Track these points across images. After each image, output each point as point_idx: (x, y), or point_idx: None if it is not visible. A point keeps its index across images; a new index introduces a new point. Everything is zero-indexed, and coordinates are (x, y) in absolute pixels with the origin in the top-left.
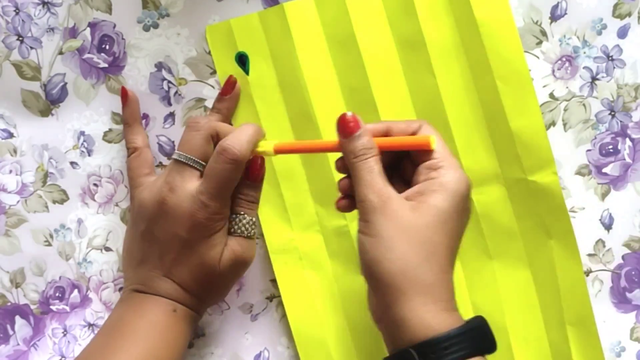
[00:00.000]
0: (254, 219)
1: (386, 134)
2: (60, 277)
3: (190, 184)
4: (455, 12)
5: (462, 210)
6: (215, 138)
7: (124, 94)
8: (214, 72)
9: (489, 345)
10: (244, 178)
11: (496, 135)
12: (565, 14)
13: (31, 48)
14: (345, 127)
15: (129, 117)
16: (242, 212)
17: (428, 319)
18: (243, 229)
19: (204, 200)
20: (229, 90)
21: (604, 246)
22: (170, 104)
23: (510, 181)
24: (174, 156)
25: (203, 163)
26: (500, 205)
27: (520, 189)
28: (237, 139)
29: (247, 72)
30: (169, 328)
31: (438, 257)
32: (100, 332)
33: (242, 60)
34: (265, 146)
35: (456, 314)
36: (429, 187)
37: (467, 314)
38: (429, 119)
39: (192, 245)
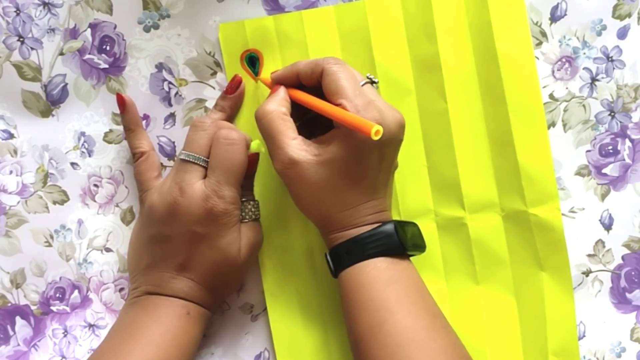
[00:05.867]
0: (257, 202)
1: (297, 76)
2: (60, 278)
3: (199, 182)
4: (475, 41)
5: (369, 153)
6: None
7: (121, 101)
8: (214, 73)
9: (394, 247)
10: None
11: (501, 165)
12: (565, 14)
13: (32, 49)
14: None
15: (130, 122)
16: (244, 199)
17: (337, 237)
18: (251, 213)
19: (217, 191)
20: (233, 90)
21: (604, 246)
22: (170, 105)
23: (509, 211)
24: (181, 156)
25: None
26: (493, 233)
27: (518, 220)
28: (230, 126)
29: (256, 74)
30: (181, 332)
31: (344, 197)
32: (111, 335)
33: (252, 61)
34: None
35: (365, 227)
36: (331, 137)
37: None
38: (435, 140)
39: (210, 241)
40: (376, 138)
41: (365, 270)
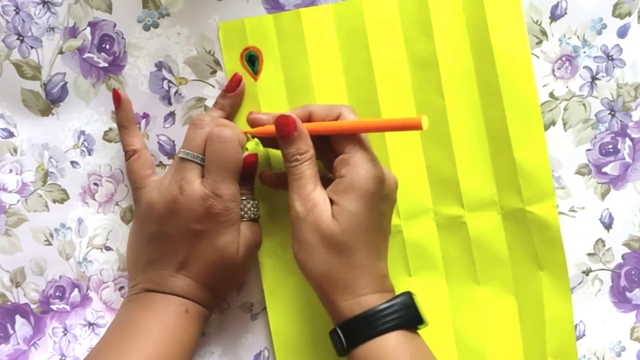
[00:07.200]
0: (256, 201)
1: (309, 118)
2: (60, 277)
3: (198, 181)
4: (471, 38)
5: (375, 207)
6: None
7: (117, 97)
8: (214, 72)
9: (412, 319)
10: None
11: (498, 163)
12: (565, 13)
13: (31, 47)
14: (282, 130)
15: (124, 119)
16: (244, 197)
17: (347, 307)
18: (250, 212)
19: (215, 190)
20: (233, 88)
21: (604, 246)
22: (170, 104)
23: (507, 209)
24: (180, 154)
25: None
26: (493, 232)
27: (516, 218)
28: (225, 123)
29: (255, 73)
30: (180, 330)
31: (355, 257)
32: (109, 332)
33: (251, 60)
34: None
35: (376, 296)
36: (340, 186)
37: (447, 336)
38: (433, 139)
39: (209, 238)
40: (425, 127)
41: (386, 348)
